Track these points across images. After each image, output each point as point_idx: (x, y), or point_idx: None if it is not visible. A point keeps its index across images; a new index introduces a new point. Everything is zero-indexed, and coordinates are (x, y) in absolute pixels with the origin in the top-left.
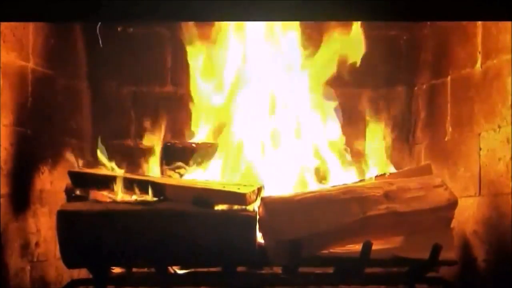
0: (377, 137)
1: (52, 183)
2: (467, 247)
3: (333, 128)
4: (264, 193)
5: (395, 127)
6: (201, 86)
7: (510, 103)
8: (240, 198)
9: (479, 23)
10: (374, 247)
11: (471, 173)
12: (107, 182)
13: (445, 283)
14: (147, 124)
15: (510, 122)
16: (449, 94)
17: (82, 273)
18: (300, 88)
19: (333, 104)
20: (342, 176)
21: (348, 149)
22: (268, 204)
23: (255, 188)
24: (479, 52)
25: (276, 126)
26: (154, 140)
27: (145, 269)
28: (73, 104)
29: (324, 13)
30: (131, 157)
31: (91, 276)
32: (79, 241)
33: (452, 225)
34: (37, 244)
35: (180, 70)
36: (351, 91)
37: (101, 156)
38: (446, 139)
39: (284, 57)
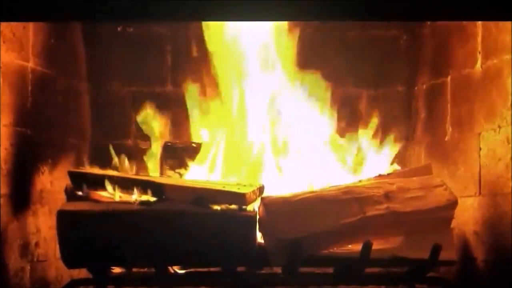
0: (377, 137)
1: (52, 183)
2: (467, 247)
3: (333, 128)
4: (264, 193)
5: (395, 127)
6: (202, 86)
7: (510, 103)
8: (240, 198)
9: (479, 23)
10: (374, 247)
11: (471, 173)
12: (107, 182)
13: (445, 283)
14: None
15: (510, 122)
16: (449, 94)
17: (82, 273)
18: (299, 87)
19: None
20: (342, 176)
21: (348, 149)
22: (268, 204)
23: (255, 188)
24: (479, 52)
25: (275, 126)
26: (154, 140)
27: (145, 269)
28: (73, 104)
29: (323, 13)
30: (131, 157)
31: (91, 276)
32: (79, 241)
33: (452, 225)
34: (37, 244)
35: (180, 70)
36: (351, 91)
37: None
38: (446, 139)
39: (283, 56)
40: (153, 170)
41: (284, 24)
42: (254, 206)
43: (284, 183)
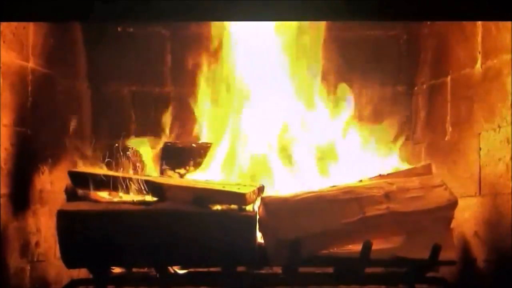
0: (377, 137)
1: (52, 183)
2: (467, 247)
3: (333, 128)
4: (264, 193)
5: (395, 127)
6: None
7: (510, 103)
8: (240, 198)
9: (479, 23)
10: (374, 247)
11: (471, 173)
12: (107, 182)
13: (445, 283)
14: (146, 124)
15: (510, 122)
16: (449, 94)
17: (82, 273)
18: (300, 87)
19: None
20: (342, 176)
21: (348, 149)
22: (268, 204)
23: (255, 188)
24: (479, 52)
25: (276, 126)
26: (154, 140)
27: (145, 269)
28: (73, 104)
29: (323, 13)
30: (131, 157)
31: (91, 276)
32: (79, 241)
33: (452, 225)
34: (37, 244)
35: (180, 70)
36: (351, 91)
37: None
38: (446, 139)
39: (284, 56)
40: (153, 170)
41: (283, 24)
42: (254, 206)
43: (284, 184)
